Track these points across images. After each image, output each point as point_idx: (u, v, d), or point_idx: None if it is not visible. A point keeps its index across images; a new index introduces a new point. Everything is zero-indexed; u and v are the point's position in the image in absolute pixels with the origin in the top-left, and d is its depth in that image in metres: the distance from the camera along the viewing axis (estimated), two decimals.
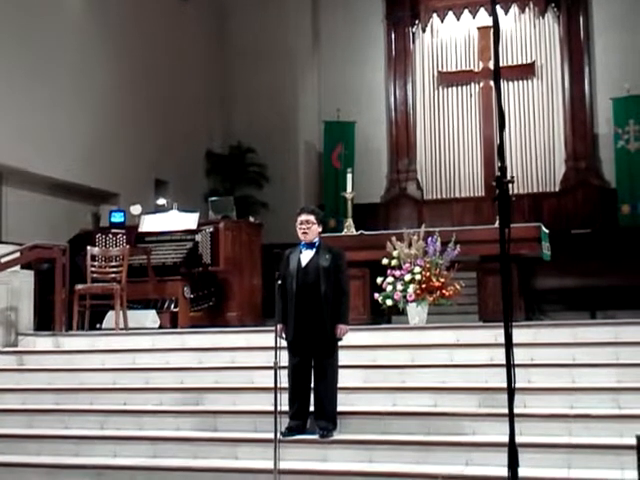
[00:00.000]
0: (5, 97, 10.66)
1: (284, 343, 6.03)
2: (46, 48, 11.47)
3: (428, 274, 8.08)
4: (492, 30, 3.97)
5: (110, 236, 10.42)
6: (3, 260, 8.50)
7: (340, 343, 6.19)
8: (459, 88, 16.10)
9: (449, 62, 16.21)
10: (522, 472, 3.63)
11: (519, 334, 4.63)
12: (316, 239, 6.23)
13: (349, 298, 6.35)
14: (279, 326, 5.96)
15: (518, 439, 3.70)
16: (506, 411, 3.71)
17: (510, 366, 3.64)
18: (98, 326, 9.59)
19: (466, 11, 16.03)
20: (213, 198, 11.49)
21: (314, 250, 6.19)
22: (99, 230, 10.84)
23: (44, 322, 9.13)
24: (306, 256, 6.18)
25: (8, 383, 7.71)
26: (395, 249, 8.31)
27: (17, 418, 7.08)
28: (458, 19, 16.13)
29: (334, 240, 8.63)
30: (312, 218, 6.22)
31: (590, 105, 15.33)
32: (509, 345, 3.66)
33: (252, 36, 15.89)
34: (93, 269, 9.30)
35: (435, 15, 16.25)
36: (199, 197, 14.27)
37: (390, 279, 8.22)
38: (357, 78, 16.31)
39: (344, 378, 6.34)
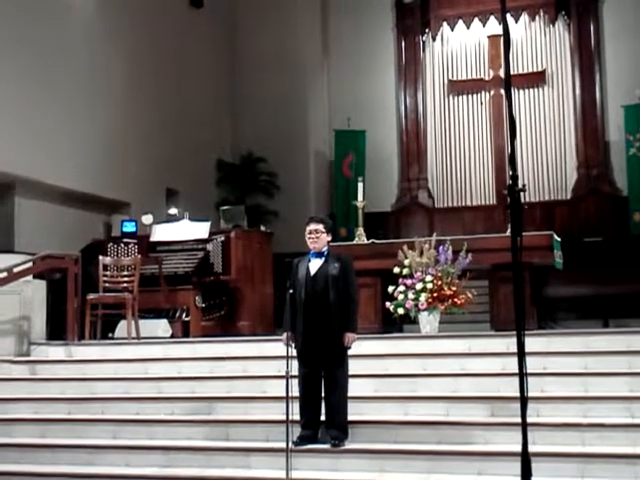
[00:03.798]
0: (17, 107, 10.72)
1: (295, 352, 6.03)
2: (57, 59, 11.54)
3: (440, 283, 8.07)
4: (502, 38, 3.97)
5: (122, 246, 10.45)
6: (15, 270, 8.53)
7: (351, 352, 6.18)
8: (470, 96, 16.11)
9: (459, 70, 16.22)
10: None
11: (531, 343, 4.62)
12: (325, 248, 6.24)
13: (357, 306, 6.34)
14: (286, 334, 5.97)
15: (531, 448, 3.69)
16: (518, 420, 3.70)
17: (522, 375, 3.63)
18: (110, 335, 9.61)
19: (476, 19, 16.06)
20: (224, 207, 11.51)
21: (323, 259, 6.20)
22: (111, 240, 10.87)
23: (56, 332, 9.15)
24: (315, 265, 6.19)
25: (21, 393, 7.73)
26: (406, 258, 8.30)
27: (30, 428, 7.09)
28: (468, 27, 16.15)
29: (345, 249, 8.64)
30: (321, 227, 6.23)
31: (601, 112, 15.31)
32: (521, 354, 3.65)
33: (262, 45, 15.95)
34: (105, 279, 9.34)
35: (445, 24, 16.28)
36: (210, 206, 14.30)
37: (401, 288, 8.21)
38: (367, 87, 16.34)
39: (355, 387, 6.33)
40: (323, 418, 6.11)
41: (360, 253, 8.79)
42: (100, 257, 9.58)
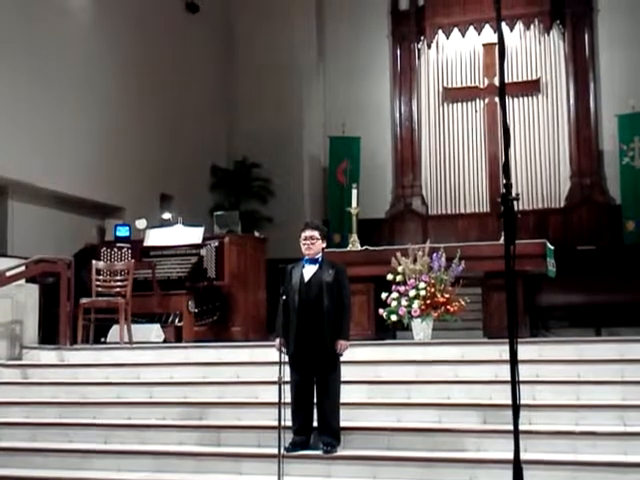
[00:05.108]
0: (11, 111, 10.71)
1: (288, 358, 6.03)
2: (52, 62, 11.53)
3: (433, 290, 8.07)
4: (497, 47, 3.98)
5: (115, 250, 10.44)
6: (8, 274, 8.52)
7: (344, 358, 6.18)
8: (464, 104, 16.14)
9: (454, 78, 16.25)
10: None
11: (524, 351, 4.63)
12: (319, 254, 6.25)
13: (350, 314, 6.34)
14: (279, 340, 5.97)
15: (523, 456, 3.69)
16: (511, 428, 3.71)
17: (515, 382, 3.64)
18: (102, 340, 9.59)
19: (471, 28, 16.10)
20: (218, 213, 11.50)
21: (317, 265, 6.20)
22: (104, 244, 10.86)
23: (49, 336, 9.13)
24: (309, 271, 6.19)
25: (12, 396, 7.70)
26: (400, 265, 8.30)
27: (21, 431, 7.06)
28: (463, 36, 16.20)
29: (339, 255, 8.64)
30: (316, 234, 6.23)
31: (595, 122, 15.36)
32: (514, 361, 3.66)
33: (258, 51, 15.97)
34: (98, 283, 9.32)
35: (440, 31, 16.32)
36: (204, 211, 14.29)
37: (395, 294, 8.21)
38: (362, 93, 16.38)
39: (348, 393, 6.33)
40: (315, 424, 6.11)
41: (354, 259, 8.79)
42: (93, 261, 9.57)
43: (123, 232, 10.87)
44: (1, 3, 10.60)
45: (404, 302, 8.10)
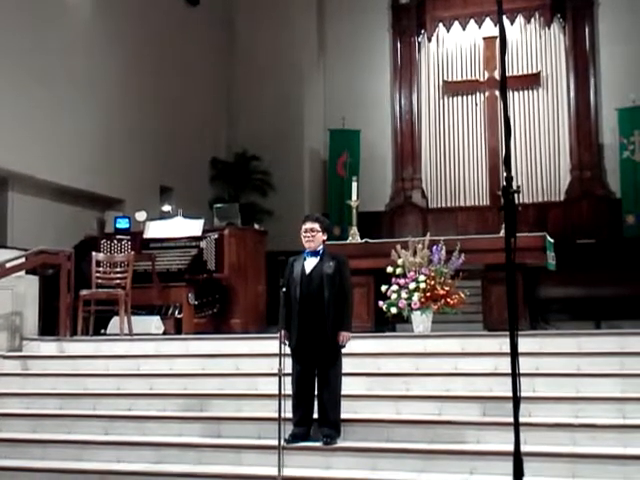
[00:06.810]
0: (12, 103, 10.70)
1: (288, 350, 6.05)
2: (53, 55, 11.51)
3: (433, 282, 8.08)
4: (498, 40, 3.98)
5: (115, 242, 10.45)
6: (8, 265, 8.52)
7: (344, 351, 6.20)
8: (464, 97, 16.12)
9: (455, 71, 16.22)
10: None
11: (524, 343, 4.62)
12: (320, 247, 6.25)
13: (352, 305, 6.35)
14: (282, 332, 5.98)
15: (522, 448, 3.69)
16: (510, 420, 3.71)
17: (515, 375, 3.64)
18: (102, 331, 9.60)
19: (472, 21, 16.06)
20: (218, 205, 11.51)
21: (318, 258, 6.21)
22: (104, 236, 10.86)
23: (49, 327, 9.14)
24: (310, 263, 6.20)
25: (12, 388, 7.72)
26: (400, 257, 8.31)
27: (21, 423, 7.08)
28: (464, 29, 16.16)
29: (339, 248, 8.63)
30: (317, 226, 6.24)
31: (595, 115, 15.34)
32: (514, 354, 3.66)
33: (259, 44, 15.94)
34: (98, 275, 9.33)
35: (441, 25, 16.29)
36: (204, 204, 14.29)
37: (395, 287, 8.22)
38: (363, 87, 16.35)
39: (348, 386, 6.34)
40: (316, 416, 6.12)
41: (353, 252, 8.77)
42: (93, 253, 9.57)
43: (123, 224, 10.88)
44: (2, 0, 10.61)
45: (404, 295, 8.11)
